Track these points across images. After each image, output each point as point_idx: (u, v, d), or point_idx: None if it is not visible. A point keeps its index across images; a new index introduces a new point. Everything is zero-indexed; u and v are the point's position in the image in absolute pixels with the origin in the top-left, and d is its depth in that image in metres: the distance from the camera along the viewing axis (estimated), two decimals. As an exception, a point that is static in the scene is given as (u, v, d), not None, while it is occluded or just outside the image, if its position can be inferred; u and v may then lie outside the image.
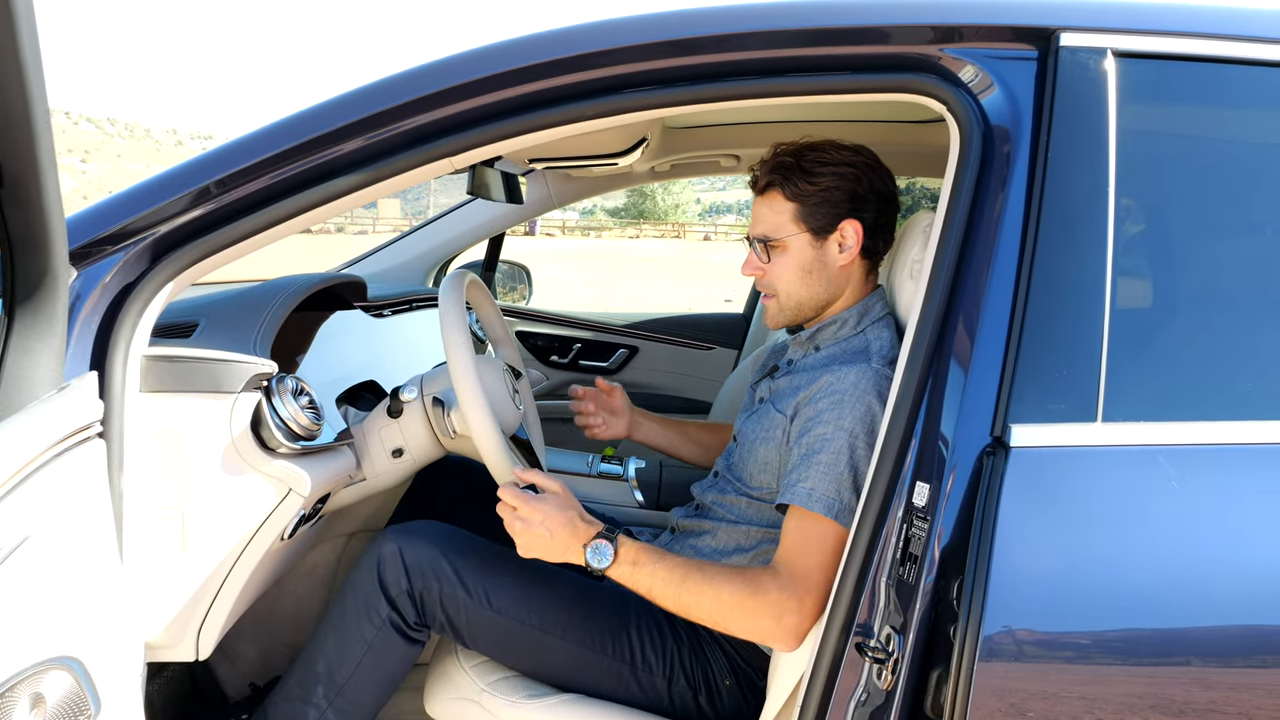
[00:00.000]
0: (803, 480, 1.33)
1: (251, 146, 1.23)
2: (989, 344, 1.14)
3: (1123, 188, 1.14)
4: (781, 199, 1.47)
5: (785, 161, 1.47)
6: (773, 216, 1.48)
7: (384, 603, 1.39)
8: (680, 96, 1.25)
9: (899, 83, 1.23)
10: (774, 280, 1.50)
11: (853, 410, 1.35)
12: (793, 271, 1.48)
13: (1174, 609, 1.07)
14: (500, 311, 1.84)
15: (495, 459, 1.44)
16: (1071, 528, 1.08)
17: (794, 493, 1.33)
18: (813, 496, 1.31)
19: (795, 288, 1.49)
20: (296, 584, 1.95)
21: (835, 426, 1.34)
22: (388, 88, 1.22)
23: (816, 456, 1.33)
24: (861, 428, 1.33)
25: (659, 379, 3.06)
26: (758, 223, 1.50)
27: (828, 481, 1.31)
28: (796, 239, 1.47)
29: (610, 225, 64.32)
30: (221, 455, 1.29)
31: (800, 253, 1.47)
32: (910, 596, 1.13)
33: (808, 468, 1.33)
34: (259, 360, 1.30)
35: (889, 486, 1.18)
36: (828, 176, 1.46)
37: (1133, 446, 1.11)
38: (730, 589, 1.29)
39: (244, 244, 1.25)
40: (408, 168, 1.25)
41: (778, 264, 1.49)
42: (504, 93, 1.22)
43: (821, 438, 1.35)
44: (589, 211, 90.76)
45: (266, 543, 1.36)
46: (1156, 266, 1.17)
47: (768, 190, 1.49)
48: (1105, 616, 1.06)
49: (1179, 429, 1.11)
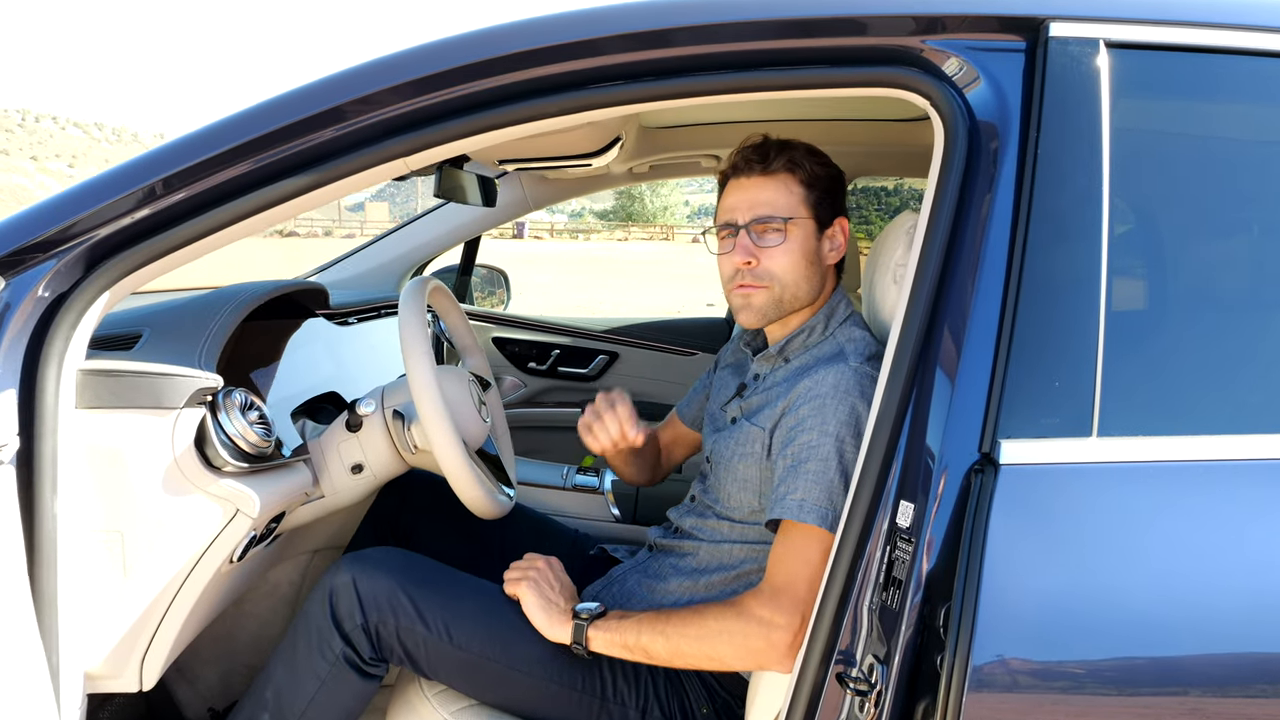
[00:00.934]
0: (791, 492, 1.26)
1: (191, 147, 1.15)
2: (976, 353, 1.07)
3: (1118, 187, 1.07)
4: (795, 181, 1.39)
5: (796, 144, 1.41)
6: (784, 197, 1.39)
7: (337, 638, 1.31)
8: (647, 92, 1.18)
9: (879, 76, 1.17)
10: (773, 267, 1.39)
11: (836, 413, 1.28)
12: (798, 257, 1.39)
13: (1176, 637, 1.00)
14: (467, 319, 1.77)
15: (458, 475, 1.36)
16: (1065, 550, 1.01)
17: (783, 506, 1.26)
18: (804, 507, 1.24)
19: (794, 277, 1.40)
20: (258, 604, 1.87)
21: (820, 432, 1.27)
22: (335, 84, 1.15)
23: (804, 465, 1.27)
24: (848, 431, 1.27)
25: (639, 385, 2.98)
26: (758, 205, 1.39)
27: (818, 490, 1.25)
28: (805, 224, 1.40)
29: (599, 228, 64.30)
30: (163, 475, 1.21)
31: (807, 240, 1.40)
32: (894, 623, 1.06)
33: (796, 478, 1.27)
34: (203, 374, 1.22)
35: (871, 505, 1.11)
36: (831, 168, 1.42)
37: (1131, 463, 1.04)
38: (714, 614, 1.23)
39: (186, 250, 1.17)
40: (359, 168, 1.17)
41: (781, 249, 1.38)
42: (458, 89, 1.15)
43: (807, 445, 1.28)
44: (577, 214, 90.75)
45: (214, 566, 1.28)
46: (1155, 269, 1.11)
47: (776, 170, 1.39)
48: (1102, 645, 0.99)
49: (1181, 444, 1.04)
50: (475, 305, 3.14)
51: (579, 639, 1.29)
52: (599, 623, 1.30)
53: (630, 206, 64.71)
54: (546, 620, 1.32)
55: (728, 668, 1.25)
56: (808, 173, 1.39)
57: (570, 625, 1.30)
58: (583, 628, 1.29)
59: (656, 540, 1.57)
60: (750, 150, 1.42)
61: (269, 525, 1.40)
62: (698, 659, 1.25)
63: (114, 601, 1.22)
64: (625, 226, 59.42)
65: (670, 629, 1.25)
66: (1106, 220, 1.07)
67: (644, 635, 1.27)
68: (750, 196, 1.40)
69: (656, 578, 1.50)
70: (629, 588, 1.52)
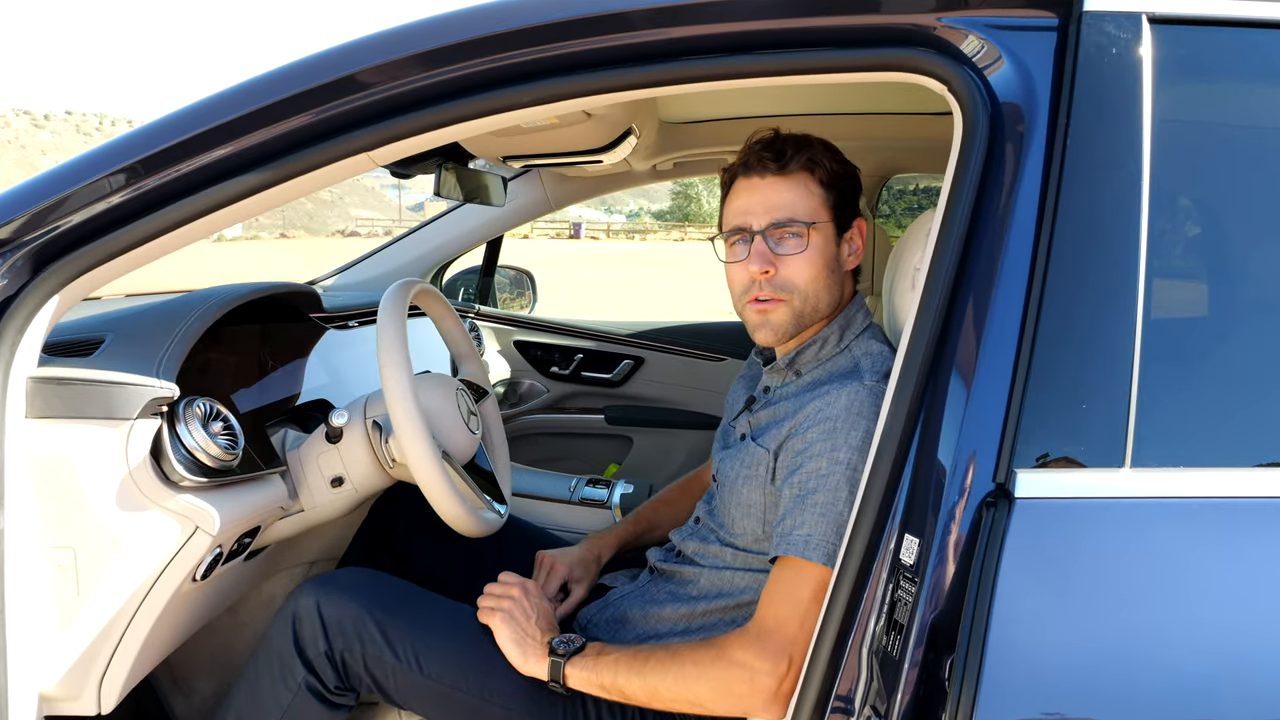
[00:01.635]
0: (798, 527, 1.15)
1: (139, 142, 1.07)
2: (992, 370, 0.95)
3: (1160, 182, 0.94)
4: (814, 181, 1.27)
5: (813, 140, 1.29)
6: (804, 200, 1.26)
7: (300, 665, 1.23)
8: (634, 79, 1.08)
9: (890, 59, 1.05)
10: (794, 277, 1.26)
11: (848, 439, 1.16)
12: (819, 266, 1.26)
13: (1222, 704, 0.86)
14: (462, 323, 1.68)
15: (433, 491, 1.28)
16: (1087, 598, 0.89)
17: (789, 542, 1.15)
18: (810, 544, 1.13)
19: (816, 286, 1.27)
20: (253, 615, 1.80)
21: (830, 460, 1.16)
22: (287, 75, 1.07)
23: (812, 498, 1.15)
24: (860, 458, 1.15)
25: (666, 392, 2.87)
26: (776, 207, 1.25)
27: (826, 525, 1.13)
28: (826, 229, 1.27)
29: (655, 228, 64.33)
30: (117, 489, 1.14)
31: (827, 246, 1.28)
32: (895, 673, 0.95)
33: (802, 511, 1.15)
34: (158, 383, 1.15)
35: (872, 538, 1.00)
36: (849, 166, 1.30)
37: (1169, 499, 0.90)
38: (693, 657, 1.13)
39: (140, 252, 1.10)
40: (319, 164, 1.09)
41: (800, 257, 1.25)
42: (425, 77, 1.06)
43: (815, 474, 1.16)
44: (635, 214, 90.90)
45: (174, 585, 1.21)
46: (1201, 276, 0.97)
47: (799, 170, 1.27)
48: (1129, 712, 0.86)
49: (1229, 478, 0.91)
50: (499, 308, 3.06)
51: (555, 676, 1.20)
52: (576, 659, 1.20)
53: (687, 207, 64.67)
54: (520, 655, 1.22)
55: (711, 713, 1.14)
56: (828, 171, 1.27)
57: (546, 661, 1.21)
58: (559, 665, 1.19)
59: (656, 564, 1.46)
60: (763, 147, 1.29)
61: (241, 540, 1.33)
62: (677, 703, 1.14)
63: (67, 621, 1.16)
64: (682, 227, 59.36)
65: (648, 670, 1.15)
66: (1146, 220, 0.94)
67: (620, 676, 1.16)
68: (766, 198, 1.27)
69: (652, 603, 1.40)
70: (623, 611, 1.42)
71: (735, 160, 1.33)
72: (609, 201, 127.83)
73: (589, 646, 1.23)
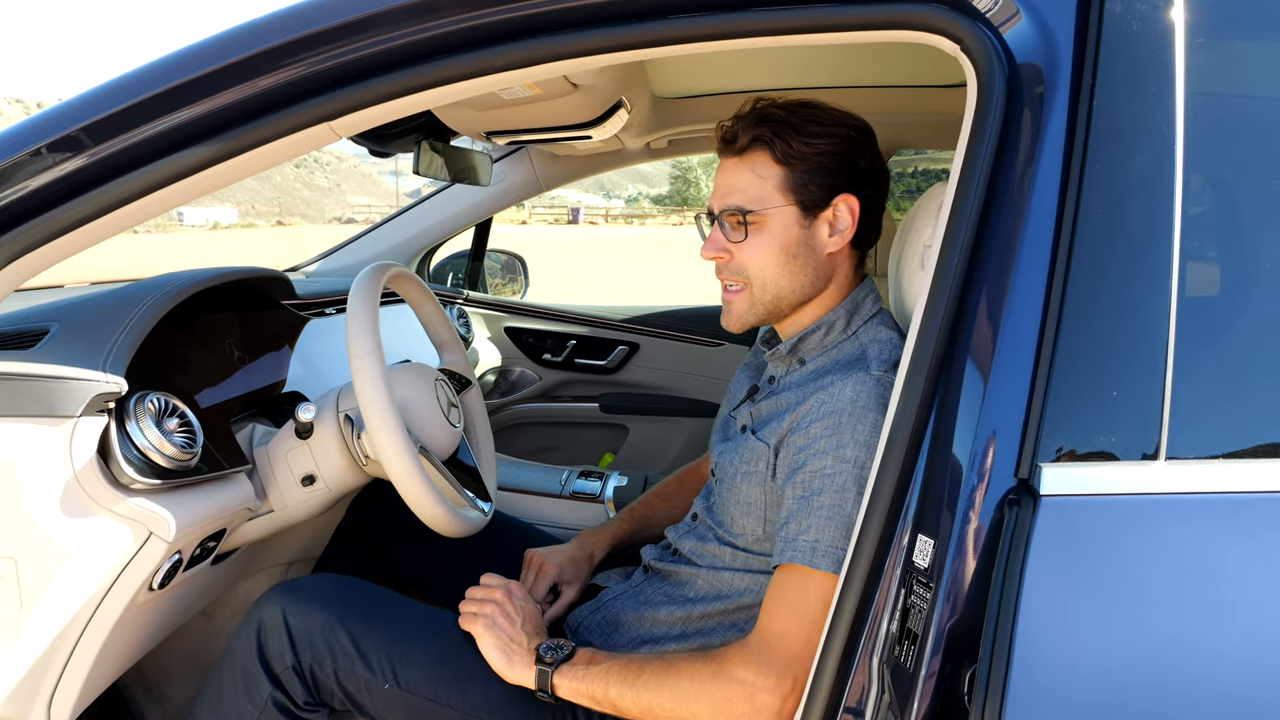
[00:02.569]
0: (804, 531, 1.07)
1: (74, 111, 0.98)
2: (1013, 355, 0.86)
3: (1195, 149, 0.85)
4: (768, 161, 1.18)
5: (776, 115, 1.18)
6: (755, 183, 1.18)
7: (265, 680, 1.14)
8: (618, 39, 0.98)
9: (898, 16, 0.95)
10: (746, 264, 1.20)
11: (855, 434, 1.07)
12: (774, 253, 1.19)
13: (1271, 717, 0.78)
14: (442, 309, 1.58)
15: (409, 489, 1.19)
16: (1121, 604, 0.80)
17: (795, 548, 1.07)
18: (817, 551, 1.05)
19: (774, 274, 1.20)
20: (229, 619, 1.72)
21: (836, 458, 1.07)
22: (239, 36, 0.97)
23: (817, 499, 1.07)
24: (869, 455, 1.06)
25: (662, 378, 2.78)
26: (729, 192, 1.20)
27: (834, 529, 1.05)
28: (781, 213, 1.18)
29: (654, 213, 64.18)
30: (60, 493, 1.05)
31: (785, 230, 1.18)
32: (909, 684, 0.86)
33: (808, 514, 1.07)
34: (103, 376, 1.06)
35: (882, 539, 0.92)
36: (826, 139, 1.18)
37: (1209, 495, 0.82)
38: (689, 671, 1.05)
39: (75, 236, 1.01)
40: (275, 135, 1.00)
41: (753, 244, 1.19)
42: (386, 38, 0.96)
43: (820, 473, 1.08)
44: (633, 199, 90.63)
45: (128, 595, 1.13)
46: (1242, 252, 0.88)
47: (749, 150, 1.19)
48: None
49: (1272, 470, 0.82)
50: (490, 293, 2.97)
51: (543, 686, 1.11)
52: (565, 668, 1.11)
53: (685, 191, 64.51)
54: (505, 663, 1.14)
55: None
56: (787, 148, 1.17)
57: (533, 670, 1.12)
58: (547, 674, 1.11)
59: (651, 563, 1.38)
60: (727, 129, 1.22)
61: (205, 544, 1.24)
62: (670, 717, 1.06)
63: (10, 637, 1.08)
64: (680, 211, 59.20)
65: (640, 683, 1.06)
66: (1180, 191, 0.85)
67: (612, 688, 1.08)
68: (724, 181, 1.22)
69: (647, 605, 1.32)
70: (615, 613, 1.34)
71: None
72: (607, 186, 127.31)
73: (579, 653, 1.14)
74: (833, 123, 1.19)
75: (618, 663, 1.11)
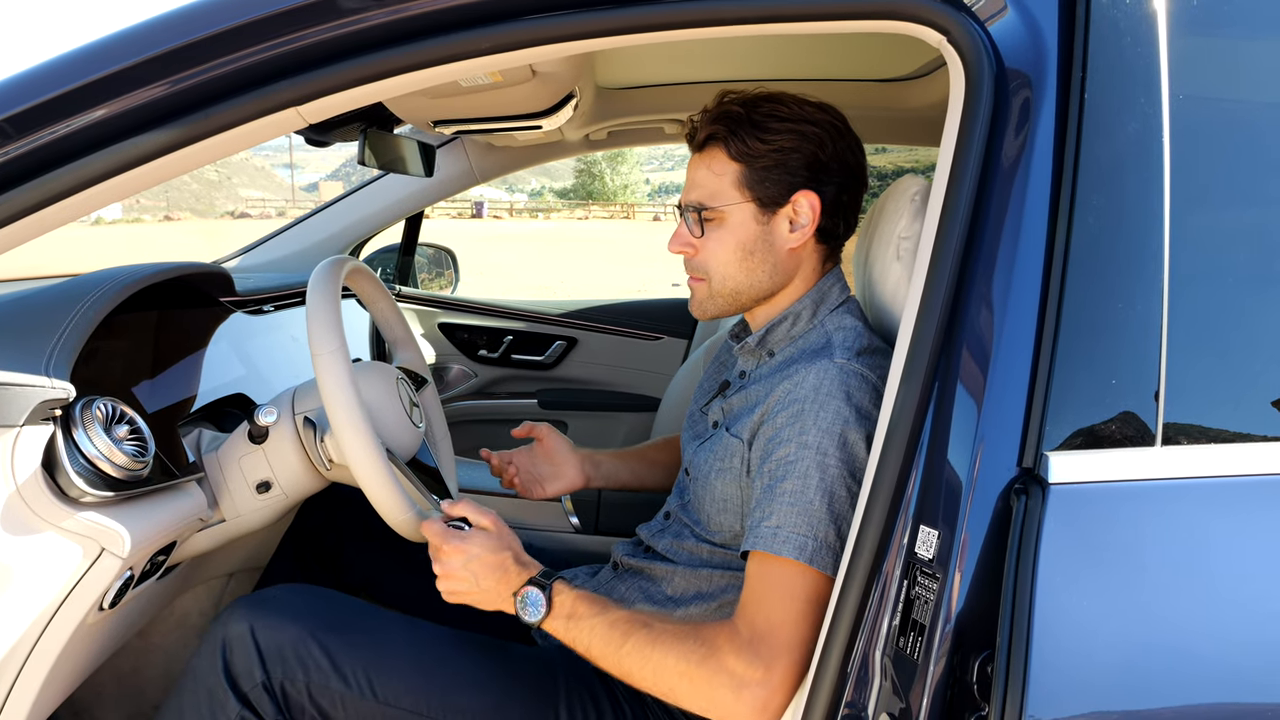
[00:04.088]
0: (766, 518, 1.05)
1: (21, 89, 0.90)
2: (1012, 347, 0.88)
3: (1182, 139, 0.88)
4: (724, 158, 1.17)
5: (733, 112, 1.17)
6: (711, 180, 1.19)
7: (233, 700, 1.07)
8: (599, 25, 0.95)
9: (884, 5, 0.95)
10: (707, 259, 1.21)
11: (817, 420, 1.07)
12: (730, 250, 1.19)
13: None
14: (397, 305, 1.52)
15: (380, 496, 1.13)
16: (1134, 587, 0.82)
17: (757, 535, 1.05)
18: (778, 536, 1.03)
19: (732, 270, 1.20)
20: (165, 636, 1.62)
21: (798, 445, 1.06)
22: (201, 11, 0.90)
23: (780, 485, 1.06)
24: (831, 441, 1.06)
25: (601, 373, 2.76)
26: (692, 187, 1.21)
27: (796, 515, 1.04)
28: (738, 210, 1.18)
29: (559, 207, 63.87)
30: (1, 509, 0.96)
31: (742, 227, 1.18)
32: (916, 676, 0.86)
33: (770, 501, 1.06)
34: (49, 381, 0.98)
35: (883, 531, 0.91)
36: (784, 135, 1.16)
37: (1213, 479, 0.84)
38: (677, 654, 1.01)
39: (8, 230, 0.92)
40: (239, 119, 0.93)
41: (712, 239, 1.20)
42: (359, 19, 0.91)
43: (784, 461, 1.07)
44: (537, 193, 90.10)
45: (78, 616, 1.04)
46: (1232, 239, 0.91)
47: (708, 146, 1.20)
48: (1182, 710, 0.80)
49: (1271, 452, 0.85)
50: (420, 288, 2.89)
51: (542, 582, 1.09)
52: (546, 623, 1.07)
53: (590, 185, 64.36)
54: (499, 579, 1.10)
55: (686, 709, 1.04)
56: (742, 146, 1.16)
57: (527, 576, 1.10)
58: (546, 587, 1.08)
59: (624, 559, 1.35)
60: (691, 121, 1.23)
61: (155, 559, 1.16)
62: (651, 690, 1.04)
63: None
64: (585, 205, 59.11)
65: (624, 653, 1.03)
66: (1168, 180, 0.87)
67: (594, 647, 1.05)
68: (690, 177, 1.23)
69: (622, 602, 1.29)
70: None
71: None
72: (510, 180, 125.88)
73: (556, 604, 1.08)
74: (794, 118, 1.18)
75: (600, 623, 1.06)
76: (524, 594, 1.09)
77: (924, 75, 1.82)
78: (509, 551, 1.12)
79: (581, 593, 1.10)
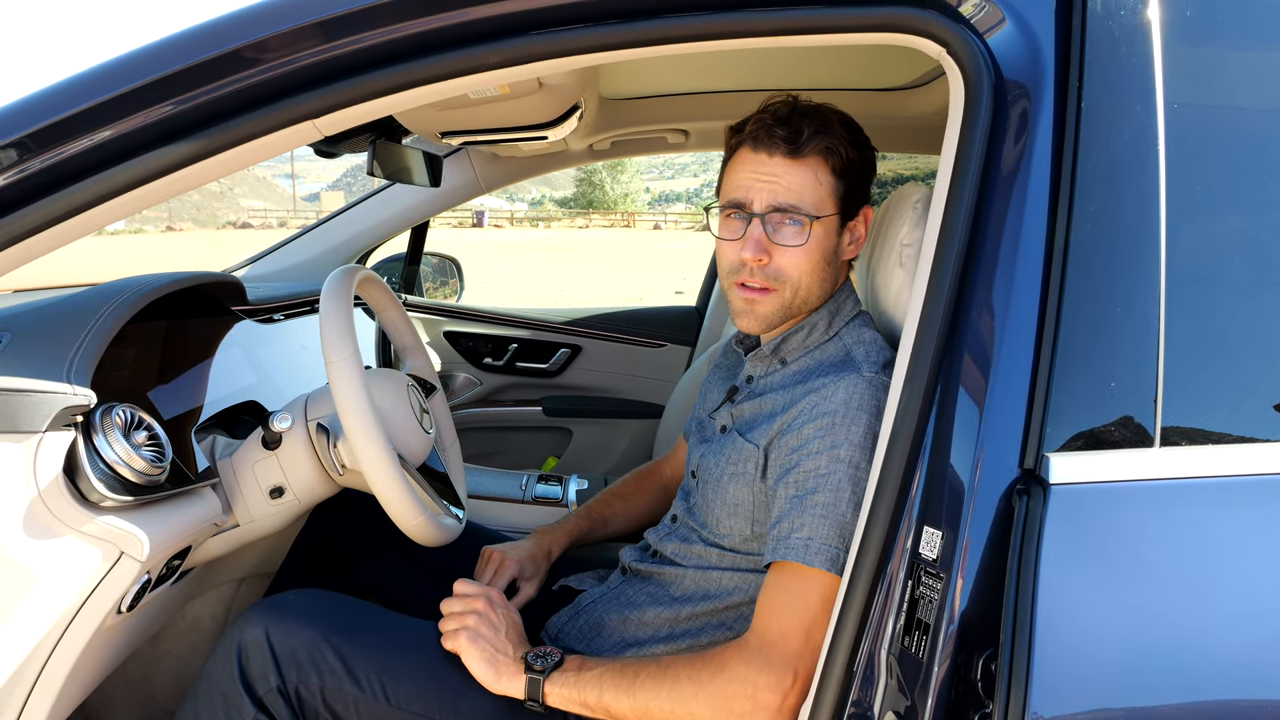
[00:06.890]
0: (797, 530, 1.07)
1: (44, 105, 0.92)
2: (1013, 350, 0.90)
3: (1178, 147, 0.89)
4: (827, 170, 1.16)
5: (829, 119, 1.17)
6: (813, 190, 1.16)
7: (249, 704, 1.09)
8: (607, 39, 0.97)
9: (884, 18, 0.97)
10: (786, 269, 1.17)
11: (849, 434, 1.09)
12: (815, 260, 1.18)
13: None
14: (406, 313, 1.54)
15: (393, 501, 1.15)
16: (1136, 586, 0.84)
17: (788, 545, 1.07)
18: (811, 548, 1.05)
19: (809, 281, 1.19)
20: (176, 641, 1.64)
21: (831, 458, 1.08)
22: (225, 27, 0.93)
23: (812, 497, 1.08)
24: (863, 455, 1.08)
25: (605, 380, 2.77)
26: (781, 192, 1.15)
27: (828, 527, 1.06)
28: (830, 222, 1.18)
29: (559, 215, 63.99)
30: (24, 514, 0.98)
31: (827, 239, 1.19)
32: (921, 675, 0.88)
33: (801, 512, 1.08)
34: (71, 388, 1.00)
35: (888, 532, 0.93)
36: (866, 149, 1.20)
37: (1214, 479, 0.86)
38: (687, 672, 1.05)
39: (41, 238, 0.95)
40: (257, 132, 0.96)
41: (800, 250, 1.16)
42: (376, 34, 0.93)
43: (814, 473, 1.09)
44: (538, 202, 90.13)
45: (97, 619, 1.06)
46: (1227, 244, 0.93)
47: (806, 155, 1.15)
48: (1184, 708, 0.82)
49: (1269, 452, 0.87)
50: (425, 297, 2.91)
51: (534, 695, 1.09)
52: (556, 676, 1.10)
53: (591, 194, 64.52)
54: (493, 675, 1.11)
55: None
56: (843, 159, 1.16)
57: (523, 679, 1.10)
58: (538, 682, 1.09)
59: (631, 564, 1.37)
60: (776, 121, 1.16)
61: (171, 563, 1.18)
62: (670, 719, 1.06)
63: None
64: (586, 214, 59.19)
65: (637, 687, 1.06)
66: (1164, 187, 0.89)
67: (606, 693, 1.07)
68: (772, 180, 1.16)
69: (630, 607, 1.31)
70: (597, 618, 1.32)
71: (745, 125, 1.20)
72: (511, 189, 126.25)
73: (568, 660, 1.13)
74: (865, 139, 1.21)
75: (610, 668, 1.09)
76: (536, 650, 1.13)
77: (923, 84, 1.84)
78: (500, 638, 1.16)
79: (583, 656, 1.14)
